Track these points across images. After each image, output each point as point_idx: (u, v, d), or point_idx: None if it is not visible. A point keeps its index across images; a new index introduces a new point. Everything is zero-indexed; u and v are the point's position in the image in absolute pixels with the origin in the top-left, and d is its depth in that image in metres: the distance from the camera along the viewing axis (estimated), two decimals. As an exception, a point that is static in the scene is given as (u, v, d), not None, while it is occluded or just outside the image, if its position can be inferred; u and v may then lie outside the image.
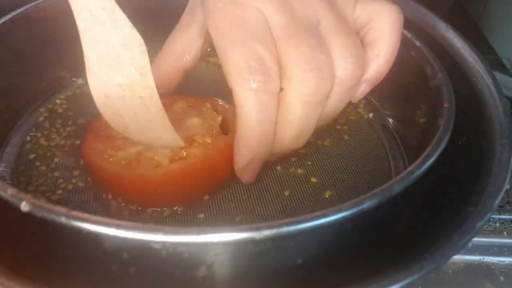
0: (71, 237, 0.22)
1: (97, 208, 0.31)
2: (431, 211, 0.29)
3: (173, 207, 0.31)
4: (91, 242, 0.22)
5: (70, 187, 0.32)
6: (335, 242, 0.25)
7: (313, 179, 0.34)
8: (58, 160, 0.35)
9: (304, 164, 0.35)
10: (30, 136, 0.37)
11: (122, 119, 0.30)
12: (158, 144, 0.30)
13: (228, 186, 0.33)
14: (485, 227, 0.36)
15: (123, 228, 0.21)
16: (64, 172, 0.34)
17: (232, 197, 0.32)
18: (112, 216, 0.30)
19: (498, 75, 0.39)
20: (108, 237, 0.21)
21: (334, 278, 0.23)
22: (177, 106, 0.34)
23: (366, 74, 0.32)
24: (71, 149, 0.36)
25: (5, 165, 0.34)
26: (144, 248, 0.22)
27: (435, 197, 0.30)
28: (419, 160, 0.27)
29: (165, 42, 0.35)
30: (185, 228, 0.21)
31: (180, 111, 0.34)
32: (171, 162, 0.30)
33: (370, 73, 0.33)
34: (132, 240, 0.21)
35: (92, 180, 0.33)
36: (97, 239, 0.21)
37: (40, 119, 0.38)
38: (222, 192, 0.32)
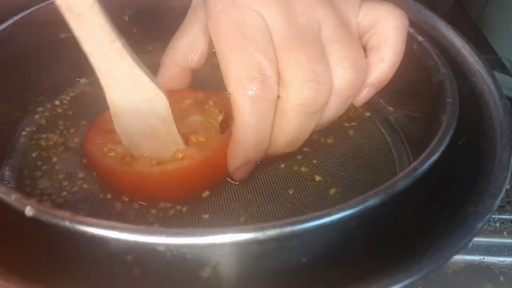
0: (74, 239, 0.23)
1: (102, 209, 0.31)
2: (434, 206, 0.29)
3: (174, 204, 0.31)
4: (95, 245, 0.22)
5: (75, 189, 0.33)
6: (339, 241, 0.25)
7: (317, 177, 0.34)
8: (63, 162, 0.35)
9: (308, 162, 0.35)
10: (34, 138, 0.37)
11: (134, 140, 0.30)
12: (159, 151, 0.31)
13: (233, 185, 0.33)
14: (485, 227, 0.36)
15: (128, 231, 0.21)
16: (69, 174, 0.34)
17: (236, 197, 0.32)
18: (117, 217, 0.31)
19: (498, 75, 0.38)
20: (112, 240, 0.21)
21: (339, 277, 0.23)
22: (185, 103, 0.34)
23: (370, 79, 0.32)
24: (76, 150, 0.36)
25: (10, 168, 0.34)
26: (148, 251, 0.22)
27: (437, 194, 0.30)
28: (423, 156, 0.26)
29: (170, 42, 0.35)
30: (189, 230, 0.21)
31: (185, 107, 0.34)
32: (168, 162, 0.30)
33: (373, 78, 0.32)
34: (136, 243, 0.21)
35: (96, 176, 0.33)
36: (101, 242, 0.22)
37: (43, 121, 0.38)
38: (226, 192, 0.33)
